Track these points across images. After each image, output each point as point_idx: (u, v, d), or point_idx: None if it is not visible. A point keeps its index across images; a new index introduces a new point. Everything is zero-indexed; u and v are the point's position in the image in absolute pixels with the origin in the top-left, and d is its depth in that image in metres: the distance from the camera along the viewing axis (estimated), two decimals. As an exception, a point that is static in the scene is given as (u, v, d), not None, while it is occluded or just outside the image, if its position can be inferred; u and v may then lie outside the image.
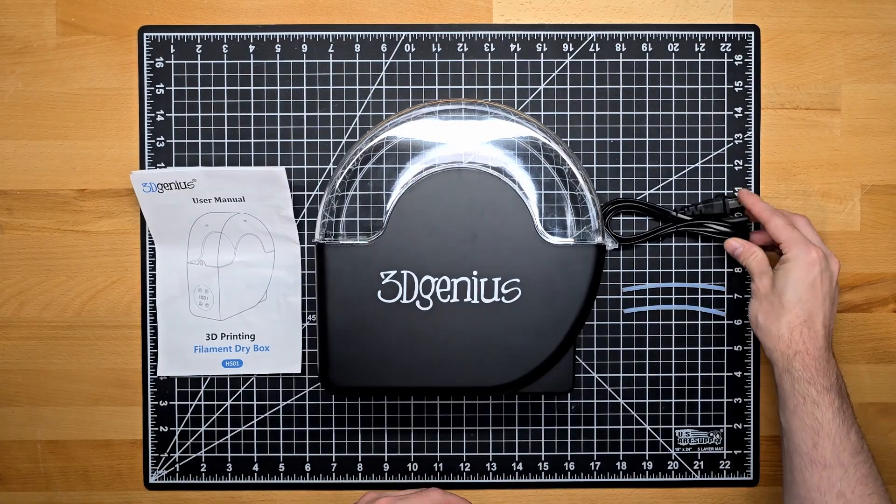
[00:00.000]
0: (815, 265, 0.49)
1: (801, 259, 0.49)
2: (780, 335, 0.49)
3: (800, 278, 0.49)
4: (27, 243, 0.56)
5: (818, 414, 0.48)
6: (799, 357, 0.49)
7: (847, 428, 0.48)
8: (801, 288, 0.49)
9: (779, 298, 0.50)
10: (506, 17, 0.56)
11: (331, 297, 0.50)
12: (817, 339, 0.49)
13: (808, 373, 0.49)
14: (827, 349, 0.49)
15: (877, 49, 0.56)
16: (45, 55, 0.55)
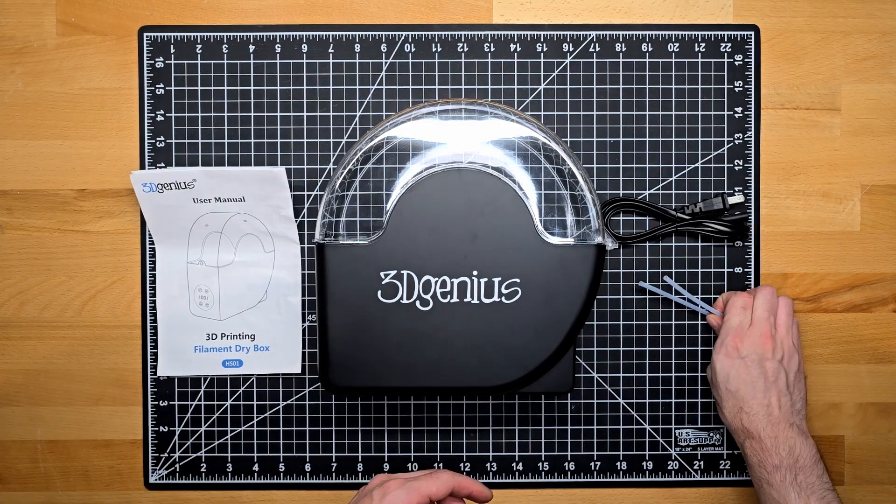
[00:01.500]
0: None
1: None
2: (728, 422, 0.51)
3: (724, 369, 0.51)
4: (27, 243, 0.56)
5: (774, 493, 0.49)
6: (749, 441, 0.50)
7: (806, 499, 0.48)
8: (729, 378, 0.50)
9: (716, 385, 0.51)
10: (506, 17, 0.56)
11: (331, 297, 0.50)
12: (758, 421, 0.49)
13: (757, 456, 0.49)
14: (775, 426, 0.50)
15: (877, 49, 0.56)
16: (45, 55, 0.55)
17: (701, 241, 0.56)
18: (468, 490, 0.46)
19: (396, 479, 0.46)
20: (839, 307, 0.57)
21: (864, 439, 0.57)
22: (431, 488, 0.44)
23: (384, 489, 0.44)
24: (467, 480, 0.48)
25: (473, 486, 0.47)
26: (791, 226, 0.56)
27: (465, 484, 0.47)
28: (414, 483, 0.46)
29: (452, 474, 0.48)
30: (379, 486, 0.45)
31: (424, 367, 0.50)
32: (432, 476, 0.46)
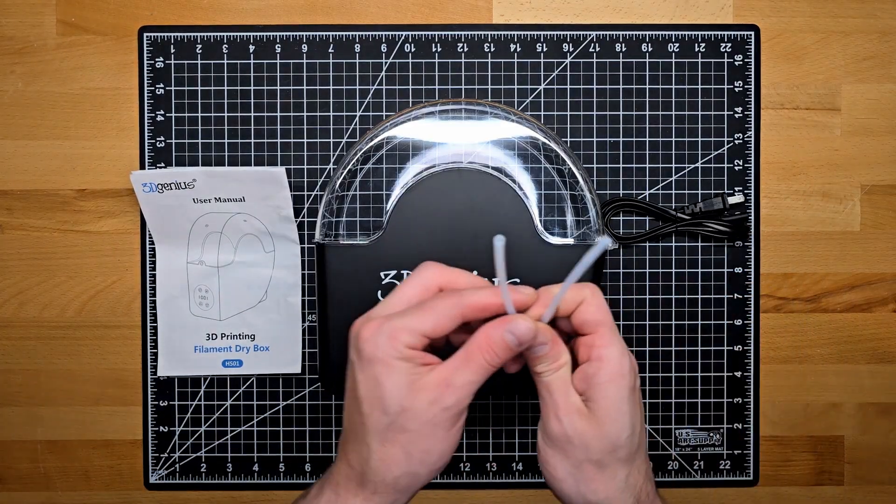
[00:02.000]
0: (629, 373, 0.38)
1: (620, 362, 0.37)
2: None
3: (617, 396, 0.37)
4: (27, 243, 0.56)
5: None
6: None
7: None
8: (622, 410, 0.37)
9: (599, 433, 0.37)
10: (506, 17, 0.56)
11: (331, 297, 0.50)
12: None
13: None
14: None
15: (877, 49, 0.56)
16: (45, 55, 0.55)
17: (701, 241, 0.56)
18: (488, 308, 0.36)
19: (373, 320, 0.37)
20: (839, 307, 0.57)
21: (864, 439, 0.57)
22: (426, 325, 0.36)
23: (358, 339, 0.37)
24: (449, 270, 0.39)
25: (490, 298, 0.36)
26: (791, 226, 0.56)
27: (479, 302, 0.36)
28: (401, 291, 0.38)
29: (437, 265, 0.39)
30: (356, 333, 0.37)
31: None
32: (418, 272, 0.38)
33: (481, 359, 0.36)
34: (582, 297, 0.38)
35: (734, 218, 0.55)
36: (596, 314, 0.38)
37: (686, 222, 0.55)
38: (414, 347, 0.36)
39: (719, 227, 0.55)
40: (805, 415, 0.57)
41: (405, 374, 0.36)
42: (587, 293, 0.38)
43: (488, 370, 0.36)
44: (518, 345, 0.36)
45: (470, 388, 0.36)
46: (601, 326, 0.38)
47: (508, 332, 0.36)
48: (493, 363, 0.36)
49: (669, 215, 0.55)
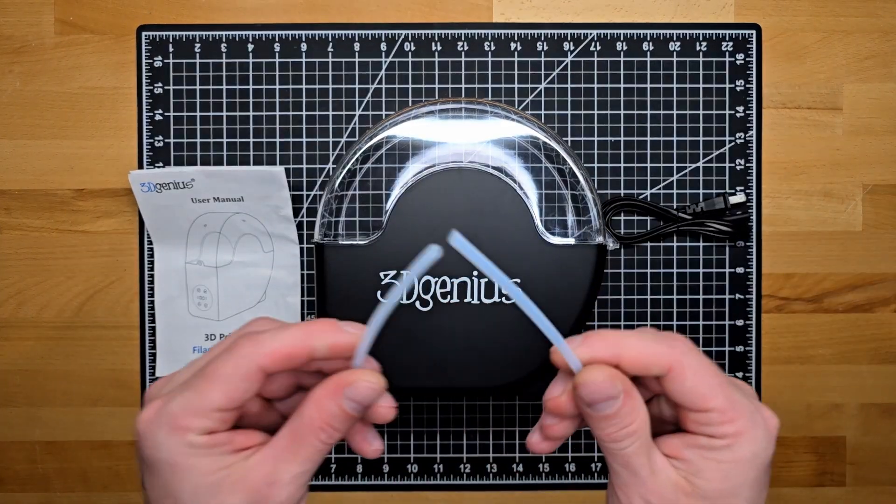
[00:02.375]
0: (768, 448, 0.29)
1: (754, 439, 0.29)
2: None
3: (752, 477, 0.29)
4: (25, 243, 0.56)
5: None
6: None
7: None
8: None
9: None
10: (506, 15, 0.56)
11: (330, 297, 0.50)
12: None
13: None
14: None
15: (879, 48, 0.56)
16: (43, 54, 0.55)
17: (702, 241, 0.56)
18: (295, 356, 0.28)
19: (151, 403, 0.29)
20: (841, 307, 0.56)
21: (867, 440, 0.57)
22: (215, 398, 0.28)
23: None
24: (285, 338, 0.29)
25: (298, 341, 0.29)
26: (793, 226, 0.56)
27: (281, 350, 0.28)
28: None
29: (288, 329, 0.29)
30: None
31: (424, 368, 0.50)
32: (208, 374, 0.28)
33: (314, 440, 0.28)
34: (661, 366, 0.28)
35: (735, 218, 0.55)
36: (698, 388, 0.28)
37: (687, 222, 0.55)
38: (214, 431, 0.28)
39: (720, 226, 0.55)
40: (807, 415, 0.57)
41: (207, 473, 0.27)
42: (672, 360, 0.28)
43: (326, 449, 0.29)
44: (362, 410, 0.29)
45: (304, 479, 0.29)
46: (714, 401, 0.28)
47: (348, 399, 0.28)
48: (332, 439, 0.29)
49: (670, 215, 0.55)
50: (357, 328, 0.30)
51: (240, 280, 0.55)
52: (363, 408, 0.29)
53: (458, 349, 0.50)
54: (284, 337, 0.29)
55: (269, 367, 0.28)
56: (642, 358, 0.28)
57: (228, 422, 0.28)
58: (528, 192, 0.53)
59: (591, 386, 0.28)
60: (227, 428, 0.28)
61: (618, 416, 0.28)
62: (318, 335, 0.29)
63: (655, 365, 0.28)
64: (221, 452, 0.28)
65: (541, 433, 0.31)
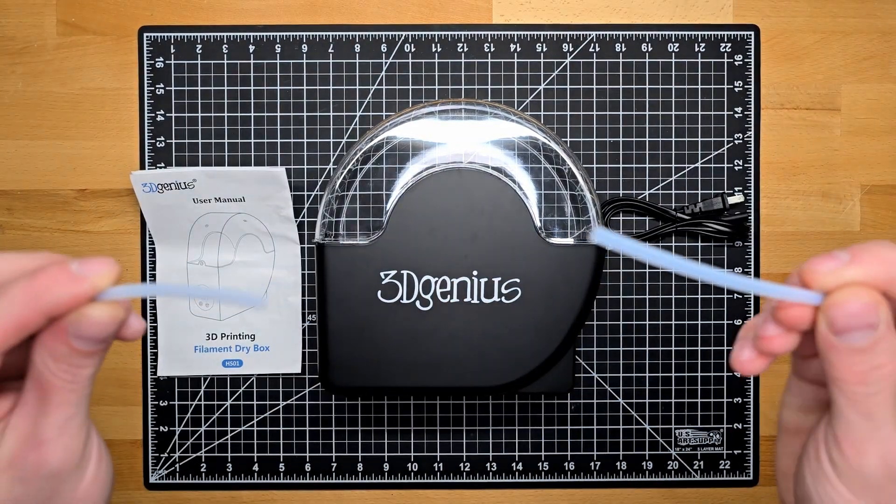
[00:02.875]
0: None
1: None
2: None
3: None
4: (28, 243, 0.56)
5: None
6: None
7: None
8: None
9: None
10: (506, 17, 0.56)
11: (331, 297, 0.50)
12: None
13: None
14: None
15: (877, 49, 0.56)
16: (45, 55, 0.55)
17: (701, 241, 0.56)
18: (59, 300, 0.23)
19: None
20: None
21: (864, 439, 0.57)
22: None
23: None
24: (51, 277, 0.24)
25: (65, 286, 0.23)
26: (791, 226, 0.56)
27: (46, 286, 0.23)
28: None
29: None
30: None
31: (424, 367, 0.50)
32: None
33: (62, 384, 0.24)
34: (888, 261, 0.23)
35: (734, 218, 0.55)
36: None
37: (686, 222, 0.55)
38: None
39: (719, 227, 0.55)
40: (805, 415, 0.57)
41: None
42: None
43: (82, 386, 0.25)
44: (98, 344, 0.25)
45: (76, 423, 0.25)
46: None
47: (74, 337, 0.24)
48: (79, 376, 0.25)
49: (669, 215, 0.55)
50: (99, 265, 0.24)
51: (241, 280, 0.55)
52: (99, 342, 0.25)
53: (458, 348, 0.50)
54: (4, 310, 0.23)
55: (2, 346, 0.23)
56: (885, 267, 0.23)
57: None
58: (527, 193, 0.53)
59: (848, 307, 0.23)
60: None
61: (873, 352, 0.23)
62: (49, 291, 0.23)
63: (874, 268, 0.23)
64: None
65: (754, 348, 0.26)
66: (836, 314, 0.23)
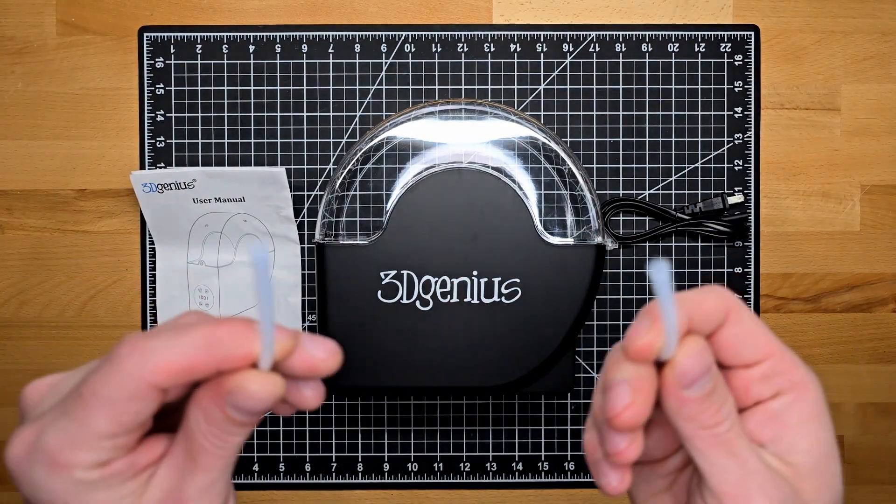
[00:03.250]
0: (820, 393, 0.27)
1: (814, 381, 0.27)
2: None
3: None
4: (27, 243, 0.56)
5: None
6: None
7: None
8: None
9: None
10: (506, 17, 0.56)
11: (331, 297, 0.50)
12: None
13: None
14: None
15: (877, 49, 0.56)
16: (45, 55, 0.55)
17: (701, 241, 0.56)
18: (194, 368, 0.23)
19: (22, 433, 0.24)
20: (839, 307, 0.56)
21: (864, 439, 0.57)
22: (101, 424, 0.23)
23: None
24: (178, 348, 0.23)
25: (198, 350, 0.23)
26: (791, 226, 0.56)
27: (172, 365, 0.23)
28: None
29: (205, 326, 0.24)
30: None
31: (424, 367, 0.50)
32: (84, 396, 0.23)
33: (209, 447, 0.24)
34: (722, 310, 0.25)
35: (734, 218, 0.55)
36: (759, 337, 0.25)
37: (686, 222, 0.55)
38: (107, 462, 0.23)
39: (719, 227, 0.55)
40: (805, 415, 0.57)
41: (111, 503, 0.23)
42: (729, 303, 0.25)
43: (230, 454, 0.25)
44: (251, 417, 0.24)
45: (217, 487, 0.25)
46: (772, 348, 0.25)
47: (231, 405, 0.23)
48: (228, 444, 0.24)
49: (669, 215, 0.55)
50: (318, 347, 0.25)
51: (241, 280, 0.55)
52: (253, 415, 0.24)
53: (458, 348, 0.50)
54: (180, 347, 0.23)
55: (164, 384, 0.23)
56: (706, 307, 0.24)
57: (129, 445, 0.24)
58: (527, 193, 0.53)
59: (690, 361, 0.24)
60: (129, 451, 0.24)
61: (715, 391, 0.24)
62: (227, 344, 0.23)
63: (717, 310, 0.25)
64: (120, 482, 0.23)
65: (615, 468, 0.25)
66: (683, 370, 0.24)
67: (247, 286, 0.55)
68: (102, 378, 0.23)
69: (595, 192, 0.53)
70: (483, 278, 0.50)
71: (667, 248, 0.56)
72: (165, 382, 0.23)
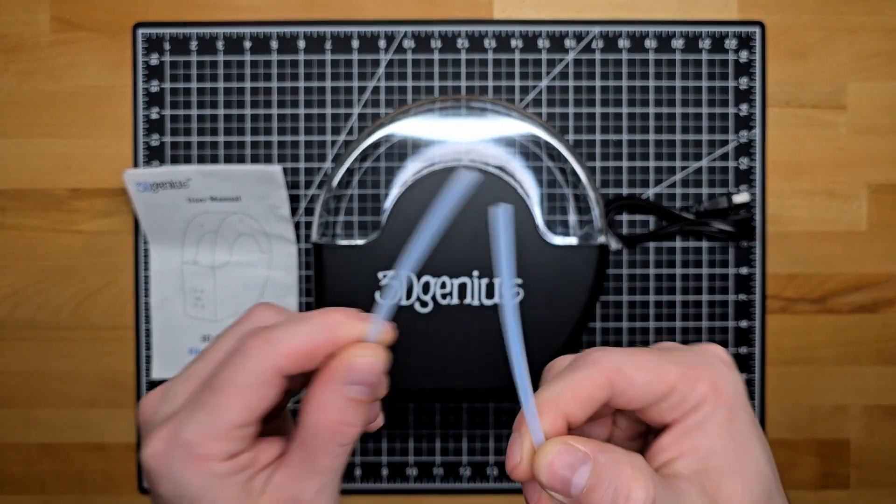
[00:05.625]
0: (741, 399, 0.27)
1: (726, 379, 0.26)
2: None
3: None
4: (21, 243, 0.55)
5: None
6: None
7: None
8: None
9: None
10: (507, 12, 0.55)
11: (328, 298, 0.49)
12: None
13: None
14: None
15: (883, 46, 0.55)
16: (39, 53, 0.55)
17: (705, 240, 0.55)
18: (316, 352, 0.25)
19: (157, 432, 0.25)
20: (845, 308, 0.56)
21: (871, 442, 0.56)
22: (233, 414, 0.24)
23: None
24: (301, 333, 0.25)
25: (318, 334, 0.25)
26: (796, 225, 0.56)
27: (299, 348, 0.25)
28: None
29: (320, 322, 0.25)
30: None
31: (424, 370, 0.50)
32: (217, 388, 0.25)
33: (329, 446, 0.25)
34: (603, 387, 0.26)
35: (739, 217, 0.55)
36: (655, 384, 0.26)
37: (690, 222, 0.54)
38: (237, 454, 0.24)
39: (724, 226, 0.54)
40: (810, 417, 0.56)
41: (238, 499, 0.24)
42: (608, 374, 0.26)
43: (345, 451, 0.25)
44: (370, 391, 0.25)
45: (330, 488, 0.25)
46: (671, 379, 0.26)
47: (350, 384, 0.24)
48: (349, 438, 0.25)
49: (673, 214, 0.54)
50: (380, 326, 0.26)
51: (237, 281, 0.55)
52: (371, 388, 0.25)
53: (458, 351, 0.49)
54: (303, 331, 0.25)
55: (289, 369, 0.24)
56: (581, 396, 0.26)
57: (250, 438, 0.25)
58: (529, 192, 0.53)
59: (553, 464, 0.24)
60: (249, 445, 0.25)
61: (604, 477, 0.24)
62: (342, 327, 0.25)
63: (598, 390, 0.25)
64: (247, 477, 0.25)
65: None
66: (547, 477, 0.24)
67: (242, 286, 0.55)
68: (234, 368, 0.24)
69: (598, 190, 0.52)
70: (484, 279, 0.49)
71: (670, 248, 0.55)
72: (291, 366, 0.24)
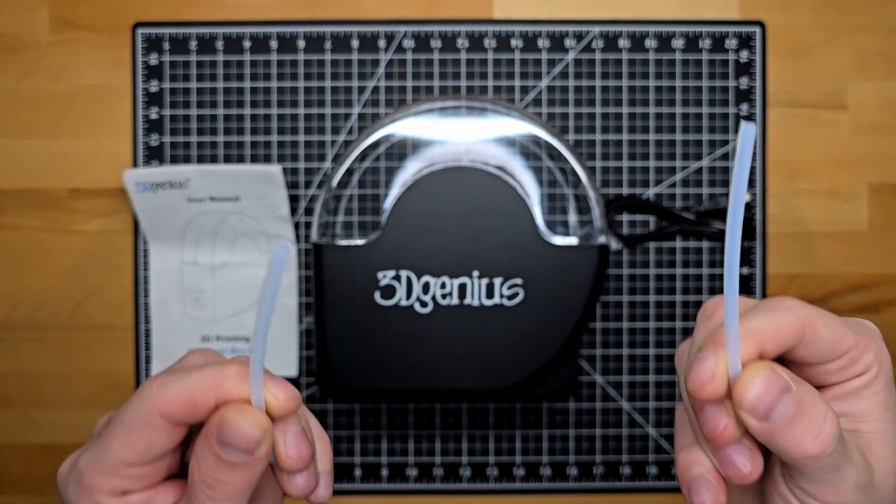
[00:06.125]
0: None
1: (884, 355, 0.27)
2: None
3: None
4: (20, 243, 0.55)
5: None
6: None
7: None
8: None
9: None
10: (507, 12, 0.55)
11: (328, 298, 0.49)
12: None
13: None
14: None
15: (884, 46, 0.55)
16: (37, 52, 0.55)
17: (706, 240, 0.55)
18: (197, 403, 0.25)
19: (69, 457, 0.28)
20: (846, 308, 0.56)
21: (872, 443, 0.56)
22: (123, 452, 0.25)
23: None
24: (185, 384, 0.25)
25: (202, 384, 0.25)
26: (798, 226, 0.56)
27: (178, 397, 0.25)
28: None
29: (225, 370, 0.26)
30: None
31: (424, 370, 0.50)
32: (113, 427, 0.26)
33: (206, 498, 0.24)
34: (796, 332, 0.25)
35: (740, 217, 0.54)
36: (836, 344, 0.26)
37: (691, 222, 0.54)
38: (128, 492, 0.25)
39: (723, 227, 0.54)
40: (812, 418, 0.56)
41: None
42: (803, 322, 0.25)
43: (236, 501, 0.24)
44: (246, 457, 0.24)
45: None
46: (848, 343, 0.26)
47: (220, 444, 0.24)
48: (227, 495, 0.24)
49: (673, 214, 0.54)
50: (284, 390, 0.27)
51: (236, 281, 0.55)
52: (248, 455, 0.24)
53: (458, 351, 0.49)
54: (188, 380, 0.25)
55: (173, 415, 0.24)
56: (779, 335, 0.24)
57: (150, 479, 0.25)
58: (529, 192, 0.53)
59: (762, 386, 0.23)
60: (147, 486, 0.25)
61: (804, 412, 0.23)
62: (227, 383, 0.25)
63: (792, 335, 0.25)
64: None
65: (725, 479, 0.25)
66: (747, 400, 0.24)
67: (242, 286, 0.55)
68: (124, 408, 0.25)
69: (598, 190, 0.52)
70: (484, 279, 0.49)
71: (671, 248, 0.55)
72: (175, 412, 0.25)
